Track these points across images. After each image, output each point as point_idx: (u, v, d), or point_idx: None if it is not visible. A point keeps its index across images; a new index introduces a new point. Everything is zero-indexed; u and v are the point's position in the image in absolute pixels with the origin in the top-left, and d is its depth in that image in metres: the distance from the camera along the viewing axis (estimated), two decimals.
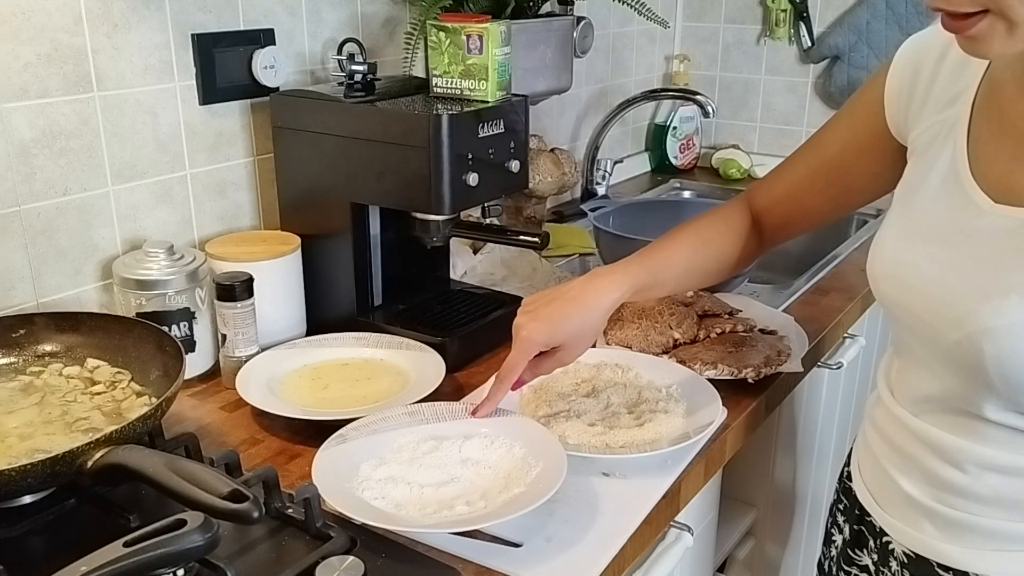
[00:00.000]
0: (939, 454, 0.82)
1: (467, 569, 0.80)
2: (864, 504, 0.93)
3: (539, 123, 1.87)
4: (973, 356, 0.74)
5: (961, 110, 0.80)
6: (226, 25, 1.23)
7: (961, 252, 0.77)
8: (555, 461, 0.88)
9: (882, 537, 0.91)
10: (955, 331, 0.76)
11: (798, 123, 2.23)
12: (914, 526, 0.86)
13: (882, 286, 0.85)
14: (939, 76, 0.83)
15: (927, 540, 0.84)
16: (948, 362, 0.78)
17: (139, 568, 0.65)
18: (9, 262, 1.07)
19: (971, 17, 0.66)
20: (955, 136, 0.80)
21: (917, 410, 0.85)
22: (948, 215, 0.79)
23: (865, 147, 0.93)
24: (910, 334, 0.84)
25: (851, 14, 2.06)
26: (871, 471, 0.92)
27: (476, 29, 1.13)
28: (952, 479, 0.81)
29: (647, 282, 0.98)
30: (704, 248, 1.03)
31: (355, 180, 1.16)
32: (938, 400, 0.82)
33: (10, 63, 1.02)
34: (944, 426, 0.81)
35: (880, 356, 1.79)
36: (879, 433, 0.90)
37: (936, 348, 0.79)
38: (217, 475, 0.74)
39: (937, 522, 0.83)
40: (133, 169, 1.17)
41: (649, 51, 2.27)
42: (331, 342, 1.17)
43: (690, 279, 1.05)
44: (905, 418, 0.86)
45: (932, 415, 0.83)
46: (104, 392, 0.96)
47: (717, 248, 1.04)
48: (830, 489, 1.68)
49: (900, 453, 0.87)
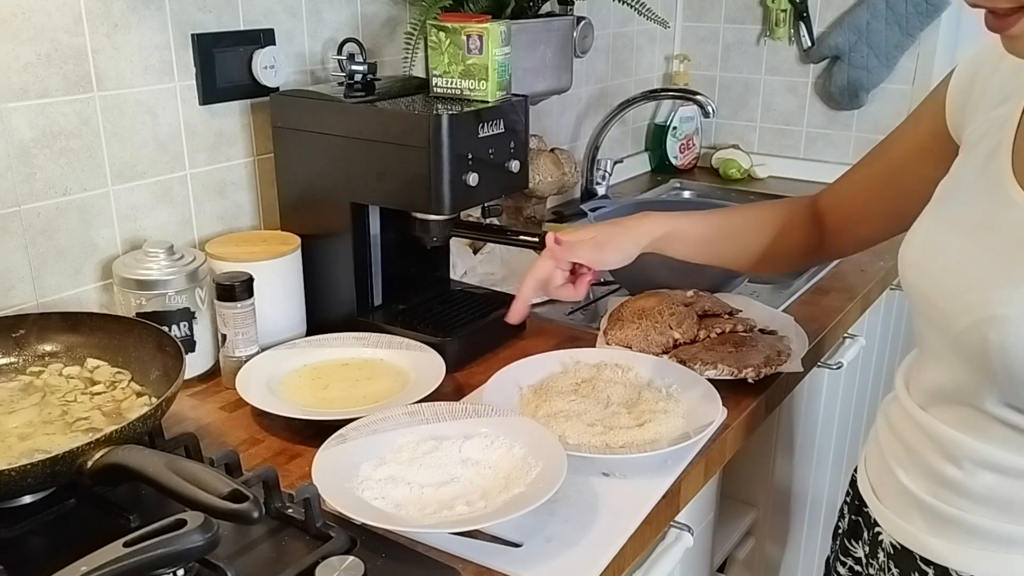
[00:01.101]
0: (940, 449, 0.82)
1: (467, 569, 0.80)
2: (864, 495, 0.94)
3: (539, 123, 1.87)
4: (978, 344, 0.75)
5: (1013, 108, 0.81)
6: (226, 25, 1.23)
7: (984, 243, 0.77)
8: (555, 461, 0.88)
9: (874, 528, 0.91)
10: (964, 318, 0.76)
11: (798, 123, 2.23)
12: (905, 518, 0.86)
13: (907, 273, 0.85)
14: (997, 74, 0.84)
15: (915, 532, 0.85)
16: (956, 351, 0.79)
17: (139, 568, 0.65)
18: (9, 262, 1.07)
19: (1011, 16, 0.66)
20: (1003, 132, 0.80)
21: (926, 402, 0.85)
22: (980, 207, 0.80)
23: (925, 148, 0.93)
24: (926, 323, 0.84)
25: (851, 14, 2.06)
26: (875, 463, 0.93)
27: (476, 29, 1.13)
28: (949, 474, 0.81)
29: (686, 229, 1.03)
30: (757, 223, 1.06)
31: (355, 180, 1.16)
32: (946, 392, 0.82)
33: (10, 63, 1.02)
34: (948, 420, 0.82)
35: (880, 356, 1.80)
36: (889, 427, 0.91)
37: (947, 336, 0.80)
38: (217, 475, 0.74)
39: (928, 516, 0.84)
40: (133, 169, 1.17)
41: (649, 51, 2.27)
42: (331, 342, 1.17)
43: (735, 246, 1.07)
44: (914, 411, 0.86)
45: (939, 407, 0.83)
46: (104, 392, 0.96)
47: (771, 228, 1.06)
48: (830, 489, 1.68)
49: (904, 446, 0.87)
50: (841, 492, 1.65)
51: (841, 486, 1.74)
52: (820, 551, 1.72)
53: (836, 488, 1.72)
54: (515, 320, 0.99)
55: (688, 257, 1.08)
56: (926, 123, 0.94)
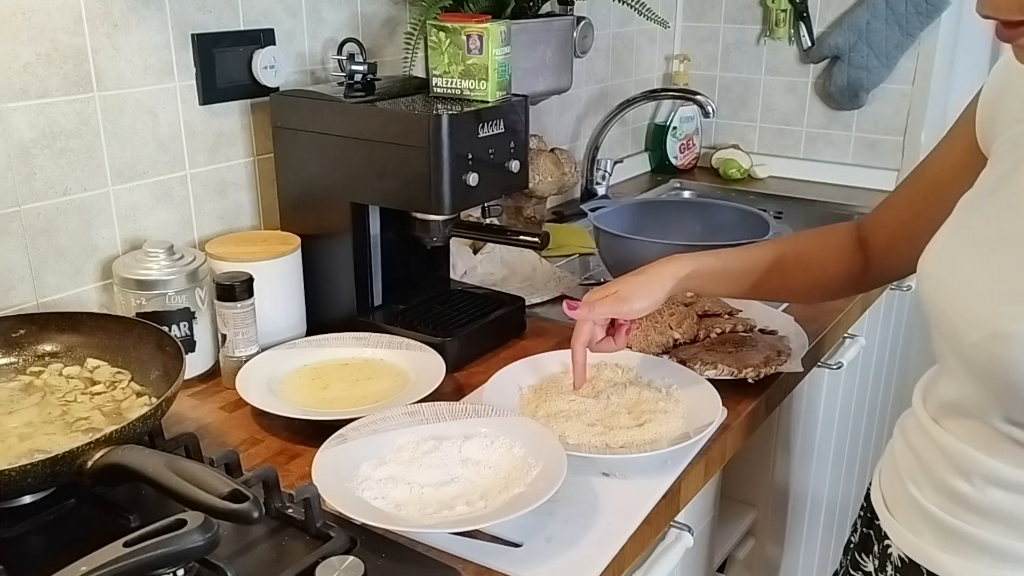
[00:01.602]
0: (951, 462, 0.82)
1: (467, 569, 0.80)
2: (876, 508, 0.93)
3: (539, 123, 1.87)
4: (986, 359, 0.74)
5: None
6: (226, 25, 1.23)
7: (1000, 256, 0.77)
8: (555, 461, 0.88)
9: (883, 541, 0.91)
10: (974, 333, 0.76)
11: (798, 123, 2.23)
12: (915, 531, 0.86)
13: (923, 285, 0.85)
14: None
15: (923, 546, 0.85)
16: (965, 364, 0.78)
17: (139, 568, 0.65)
18: (9, 262, 1.07)
19: (1021, 26, 0.66)
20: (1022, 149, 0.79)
21: (939, 415, 0.85)
22: (996, 222, 0.79)
23: (961, 166, 0.92)
24: (940, 335, 0.83)
25: (851, 14, 2.06)
26: (889, 476, 0.93)
27: (476, 29, 1.13)
28: (959, 489, 0.81)
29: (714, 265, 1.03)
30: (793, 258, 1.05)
31: (355, 180, 1.16)
32: (957, 406, 0.82)
33: (10, 63, 1.02)
34: (960, 434, 0.81)
35: (880, 356, 1.80)
36: (905, 440, 0.90)
37: (957, 349, 0.79)
38: (217, 475, 0.74)
39: (937, 530, 0.83)
40: (133, 169, 1.17)
41: (649, 51, 2.27)
42: (331, 342, 1.17)
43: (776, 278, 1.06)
44: (928, 424, 0.86)
45: (951, 421, 0.83)
46: (104, 392, 0.96)
47: (807, 260, 1.05)
48: (830, 489, 1.68)
49: (918, 459, 0.87)
50: (841, 492, 1.65)
51: (841, 486, 1.75)
52: (820, 551, 1.72)
53: (836, 488, 1.72)
54: (582, 386, 1.05)
55: (727, 294, 1.10)
56: (960, 140, 0.92)
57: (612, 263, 1.44)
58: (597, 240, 1.47)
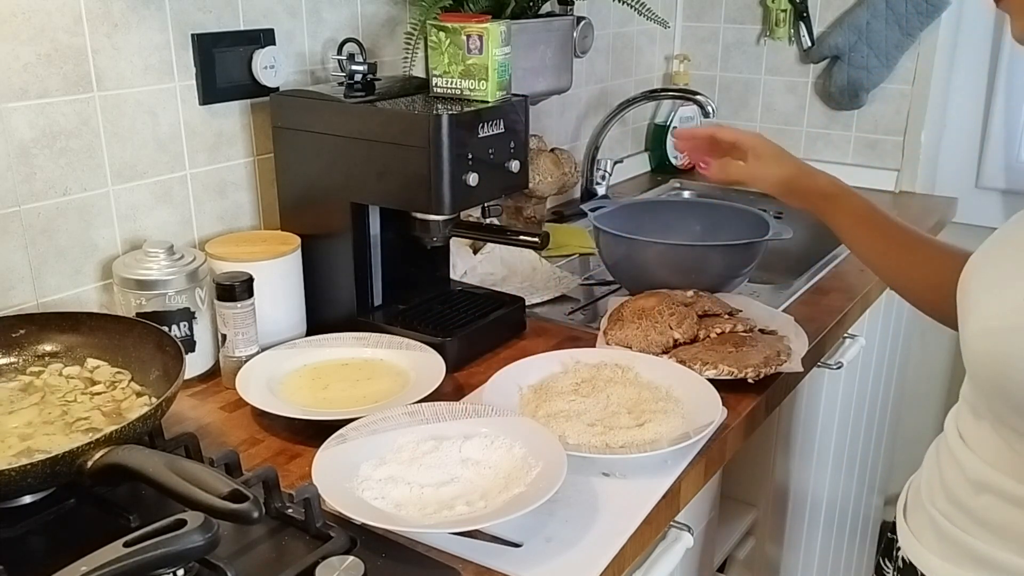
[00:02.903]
0: (957, 467, 0.82)
1: (467, 569, 0.80)
2: (897, 513, 0.94)
3: (539, 123, 1.87)
4: (981, 354, 0.75)
5: None
6: (226, 25, 1.23)
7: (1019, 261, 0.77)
8: (555, 461, 0.88)
9: (895, 543, 0.92)
10: (975, 323, 0.76)
11: (798, 123, 2.23)
12: (918, 535, 0.86)
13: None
14: None
15: (921, 550, 0.85)
16: (969, 358, 0.79)
17: (139, 568, 0.65)
18: (9, 262, 1.07)
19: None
20: None
21: (958, 414, 0.85)
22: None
23: None
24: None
25: (851, 14, 2.06)
26: (915, 482, 0.93)
27: (476, 29, 1.13)
28: (959, 493, 0.81)
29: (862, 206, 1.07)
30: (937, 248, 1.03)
31: (355, 180, 1.16)
32: (969, 404, 0.82)
33: (10, 63, 1.02)
34: (966, 435, 0.82)
35: (880, 356, 1.80)
36: (936, 447, 0.91)
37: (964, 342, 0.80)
38: (217, 475, 0.74)
39: (935, 533, 0.84)
40: (133, 169, 1.17)
41: (649, 51, 2.27)
42: (331, 342, 1.17)
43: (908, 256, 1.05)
44: (948, 424, 0.86)
45: (964, 420, 0.83)
46: (104, 392, 0.96)
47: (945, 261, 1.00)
48: (830, 489, 1.68)
49: (936, 463, 0.87)
50: (842, 492, 1.65)
51: (841, 486, 1.75)
52: (820, 551, 1.72)
53: (836, 488, 1.72)
54: (682, 144, 1.16)
55: (852, 242, 1.11)
56: None
57: (612, 263, 1.45)
58: (597, 240, 1.47)
